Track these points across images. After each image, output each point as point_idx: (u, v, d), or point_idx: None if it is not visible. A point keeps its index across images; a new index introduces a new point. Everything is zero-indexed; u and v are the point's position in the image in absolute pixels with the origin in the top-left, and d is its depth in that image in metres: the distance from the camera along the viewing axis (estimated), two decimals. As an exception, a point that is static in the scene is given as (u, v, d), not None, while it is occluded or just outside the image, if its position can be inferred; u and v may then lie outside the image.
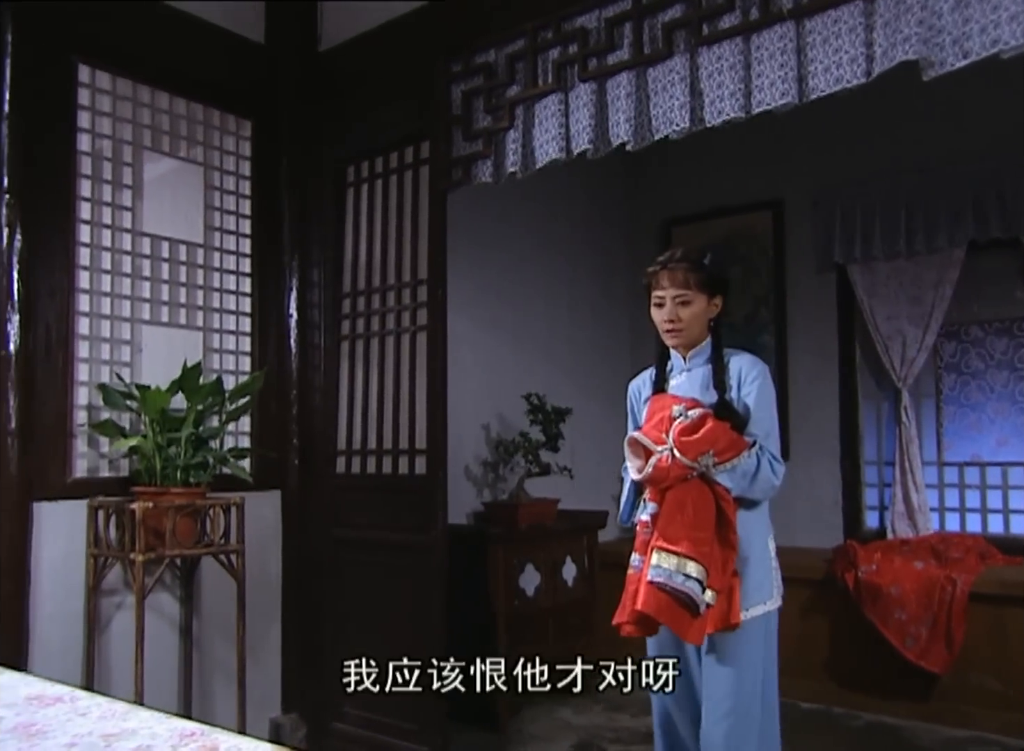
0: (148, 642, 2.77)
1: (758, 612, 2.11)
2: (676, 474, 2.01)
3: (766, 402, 2.15)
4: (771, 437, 2.14)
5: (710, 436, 2.01)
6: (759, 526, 2.17)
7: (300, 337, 3.44)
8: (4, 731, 1.12)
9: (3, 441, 2.62)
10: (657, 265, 2.22)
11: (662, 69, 2.61)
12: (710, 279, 2.19)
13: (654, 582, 1.95)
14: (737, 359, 2.20)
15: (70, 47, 2.90)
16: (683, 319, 2.17)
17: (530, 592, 3.67)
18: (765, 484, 2.09)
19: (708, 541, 1.99)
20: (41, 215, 2.77)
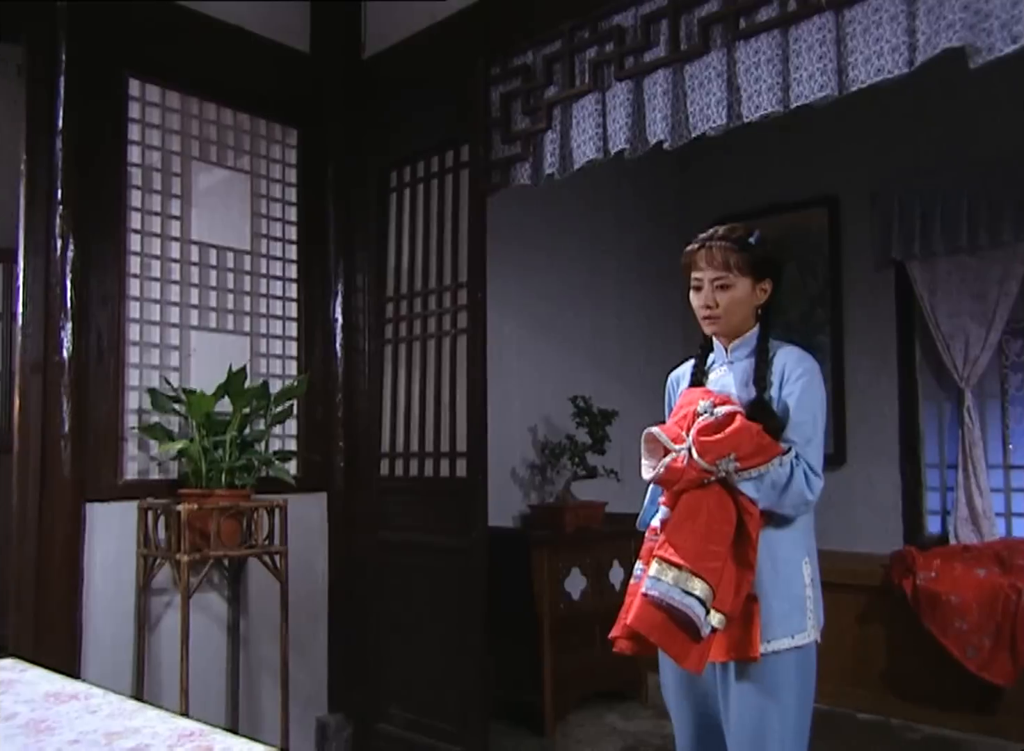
0: (196, 640, 2.85)
1: (782, 646, 1.81)
2: (691, 477, 1.78)
3: (809, 404, 1.86)
4: (812, 445, 1.85)
5: (734, 438, 1.77)
6: (791, 548, 1.87)
7: (345, 341, 3.49)
8: (16, 726, 1.16)
9: (57, 444, 2.72)
10: (696, 243, 1.97)
11: (699, 65, 2.57)
12: (756, 260, 1.92)
13: (648, 595, 1.73)
14: (784, 353, 1.92)
15: (121, 62, 2.99)
16: (721, 305, 1.91)
17: (576, 596, 3.65)
18: (796, 498, 1.80)
19: (720, 556, 1.74)
20: (93, 225, 2.86)
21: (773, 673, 1.80)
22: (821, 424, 1.88)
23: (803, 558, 1.87)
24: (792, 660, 1.81)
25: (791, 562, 1.85)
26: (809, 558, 1.89)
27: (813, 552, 1.93)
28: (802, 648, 1.83)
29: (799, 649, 1.82)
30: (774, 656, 1.80)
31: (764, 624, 1.79)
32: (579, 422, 3.95)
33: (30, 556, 2.65)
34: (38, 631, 2.64)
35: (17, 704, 1.25)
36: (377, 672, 3.27)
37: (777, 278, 1.99)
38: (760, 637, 1.78)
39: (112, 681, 2.73)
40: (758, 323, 1.97)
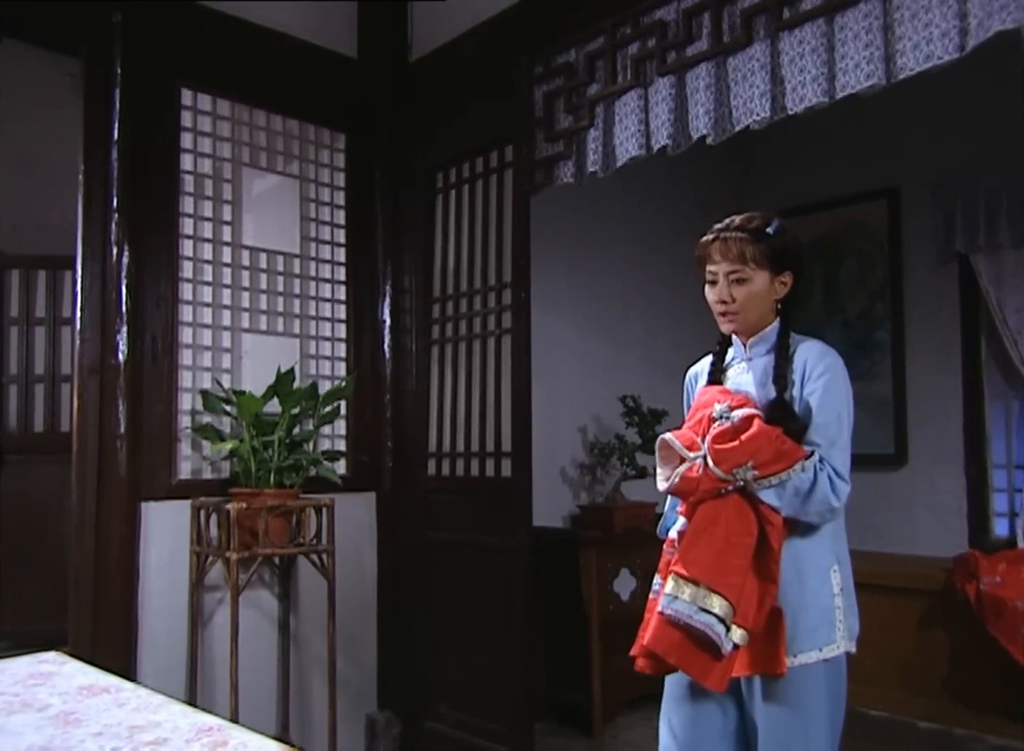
0: (247, 637, 2.91)
1: (810, 659, 1.72)
2: (707, 488, 1.69)
3: (833, 403, 1.75)
4: (836, 447, 1.73)
5: (752, 444, 1.67)
6: (818, 556, 1.77)
7: (393, 342, 3.52)
8: (47, 717, 1.20)
9: (113, 444, 2.81)
10: (711, 234, 1.87)
11: (742, 58, 2.52)
12: (774, 252, 1.81)
13: (665, 614, 1.65)
14: (805, 349, 1.82)
15: (174, 72, 3.07)
16: (738, 300, 1.81)
17: (625, 597, 3.62)
18: (821, 505, 1.70)
19: (740, 570, 1.65)
20: (147, 232, 2.95)
21: (801, 688, 1.72)
22: (847, 424, 1.76)
23: (831, 566, 1.78)
24: (821, 674, 1.73)
25: (818, 572, 1.76)
26: (839, 566, 1.79)
27: (844, 558, 1.82)
28: (831, 661, 1.74)
29: (827, 662, 1.73)
30: (802, 670, 1.71)
31: (791, 637, 1.70)
32: (629, 422, 3.92)
33: (88, 553, 2.74)
34: (95, 626, 2.73)
35: (52, 696, 1.30)
36: (426, 670, 3.30)
37: (798, 270, 1.88)
38: (786, 651, 1.69)
39: (166, 676, 2.82)
40: (778, 318, 1.88)
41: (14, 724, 1.17)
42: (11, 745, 1.09)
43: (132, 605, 2.80)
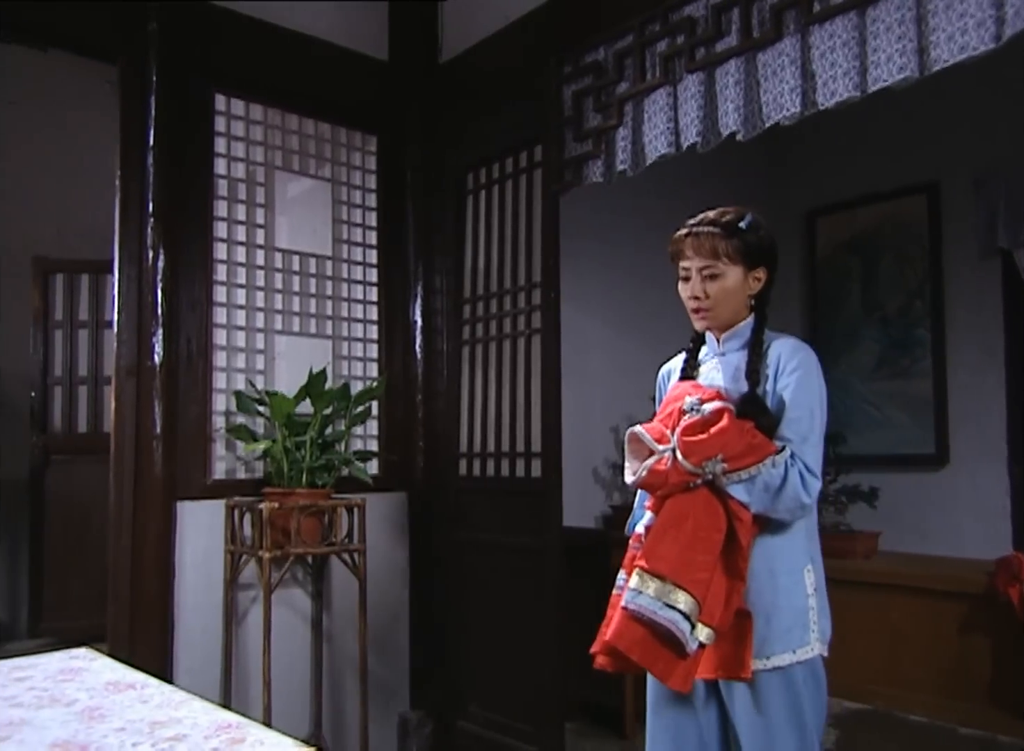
0: (281, 634, 2.95)
1: (783, 662, 1.68)
2: (676, 481, 1.66)
3: (806, 398, 1.72)
4: (808, 442, 1.70)
5: (721, 437, 1.64)
6: (791, 555, 1.73)
7: (425, 343, 3.54)
8: (73, 712, 1.23)
9: (149, 445, 2.86)
10: (683, 230, 1.85)
11: (772, 53, 2.49)
12: (747, 247, 1.79)
13: (628, 609, 1.61)
14: (778, 344, 1.80)
15: (208, 78, 3.11)
16: (711, 296, 1.79)
17: (658, 598, 3.58)
18: (791, 501, 1.66)
19: (707, 566, 1.61)
20: (182, 235, 2.99)
21: (778, 691, 1.68)
22: (819, 420, 1.74)
23: (805, 566, 1.74)
24: (797, 677, 1.69)
25: (791, 571, 1.72)
26: (812, 565, 1.76)
27: (817, 558, 1.80)
28: (805, 663, 1.70)
29: (802, 665, 1.70)
30: (777, 673, 1.68)
31: (764, 639, 1.68)
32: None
33: (125, 551, 2.80)
34: (133, 622, 2.78)
35: (79, 691, 1.33)
36: (457, 670, 3.31)
37: (772, 265, 1.87)
38: (752, 655, 1.66)
39: (201, 672, 2.86)
40: (752, 314, 1.86)
41: (42, 718, 1.20)
42: (37, 738, 1.12)
43: (168, 602, 2.85)
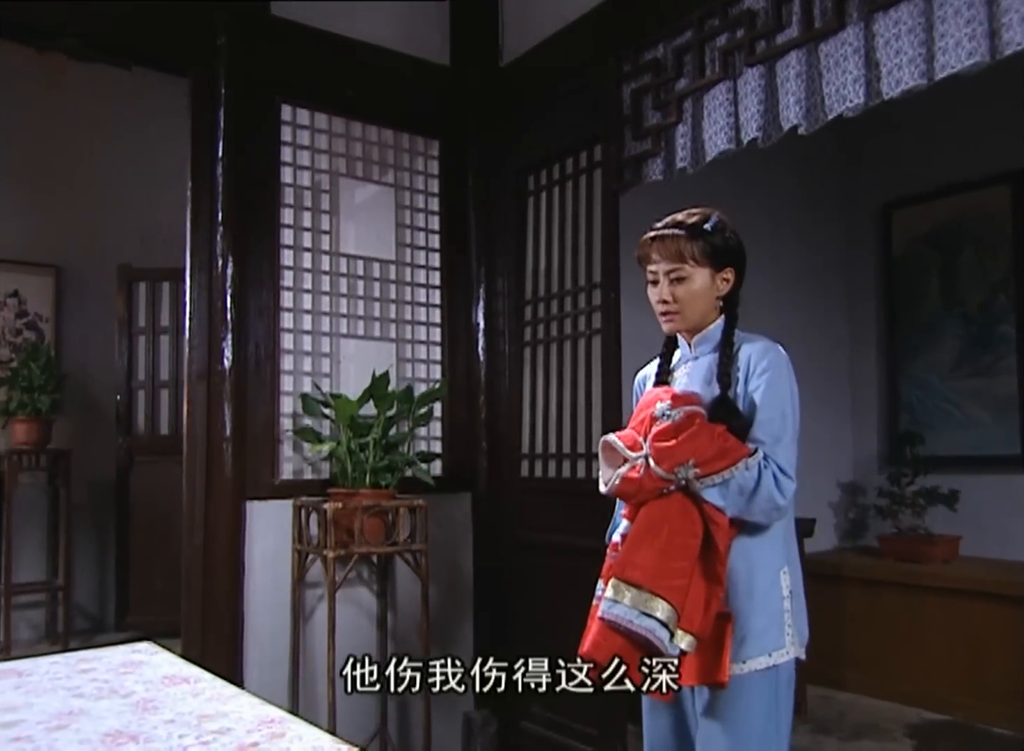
0: (347, 632, 3.01)
1: (759, 665, 1.66)
2: (649, 488, 1.65)
3: (776, 400, 1.71)
4: (781, 443, 1.68)
5: (693, 442, 1.63)
6: (768, 557, 1.71)
7: (487, 345, 3.56)
8: (128, 704, 1.28)
9: (220, 446, 2.95)
10: (649, 234, 1.84)
11: (834, 43, 2.42)
12: (713, 249, 1.80)
13: (605, 618, 1.60)
14: (749, 346, 1.79)
15: (274, 90, 3.19)
16: (678, 299, 1.79)
17: (725, 602, 3.52)
18: (766, 503, 1.64)
19: (684, 573, 1.59)
20: (250, 243, 3.08)
21: (749, 694, 1.66)
22: (791, 421, 1.72)
23: (781, 568, 1.73)
24: (771, 679, 1.67)
25: (768, 573, 1.70)
26: (788, 567, 1.74)
27: (794, 560, 1.78)
28: (780, 666, 1.68)
29: (777, 668, 1.67)
30: (749, 677, 1.65)
31: (739, 641, 1.65)
32: (728, 422, 3.82)
33: (197, 549, 2.90)
34: (204, 618, 2.88)
35: (136, 684, 1.38)
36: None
37: (739, 266, 1.88)
38: (730, 659, 1.63)
39: (270, 668, 2.94)
40: (722, 315, 1.86)
41: (99, 709, 1.26)
42: (92, 728, 1.17)
43: (238, 599, 2.94)
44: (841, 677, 4.04)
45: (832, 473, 4.67)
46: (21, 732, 1.15)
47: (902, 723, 3.64)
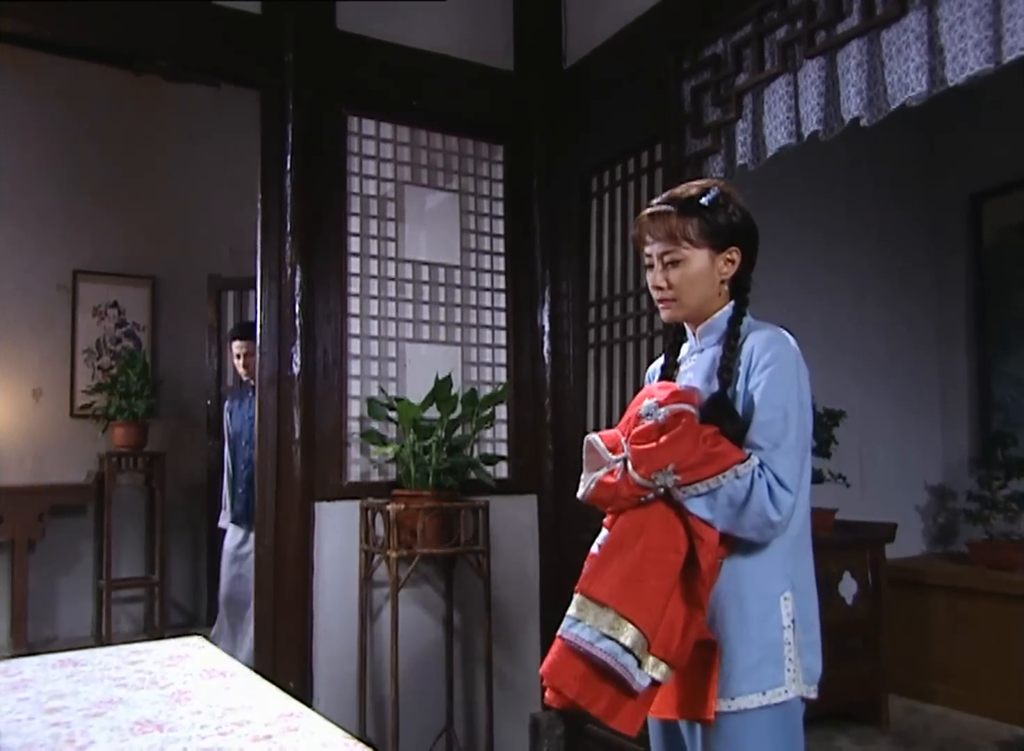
0: (413, 631, 3.08)
1: (750, 704, 1.46)
2: (626, 494, 1.48)
3: (778, 399, 1.49)
4: (780, 450, 1.46)
5: (674, 446, 1.44)
6: (765, 580, 1.50)
7: (552, 347, 3.57)
8: (165, 694, 1.35)
9: (289, 449, 3.05)
10: (645, 211, 1.65)
11: (896, 30, 2.34)
12: (712, 226, 1.58)
13: (564, 639, 1.44)
14: (754, 336, 1.57)
15: (340, 101, 3.28)
16: (674, 284, 1.60)
17: (797, 608, 3.43)
18: (757, 518, 1.43)
19: (659, 593, 1.41)
20: (318, 252, 3.17)
21: (737, 736, 1.46)
22: (796, 424, 1.50)
23: (782, 593, 1.51)
24: (765, 722, 1.46)
25: (764, 598, 1.49)
26: (793, 592, 1.52)
27: (803, 583, 1.56)
28: (777, 707, 1.46)
29: (773, 709, 1.46)
30: (740, 717, 1.46)
31: (727, 676, 1.46)
32: (802, 424, 3.71)
33: (268, 549, 3.00)
34: (276, 615, 2.98)
35: (176, 676, 1.45)
36: (587, 674, 3.30)
37: (747, 244, 1.65)
38: (721, 693, 1.46)
39: (339, 663, 3.03)
40: (731, 302, 1.65)
41: (137, 699, 1.33)
42: (125, 716, 1.24)
43: (308, 597, 3.03)
44: (928, 689, 3.87)
45: (919, 475, 4.48)
46: (61, 718, 1.23)
47: (993, 740, 3.46)
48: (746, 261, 1.66)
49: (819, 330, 4.25)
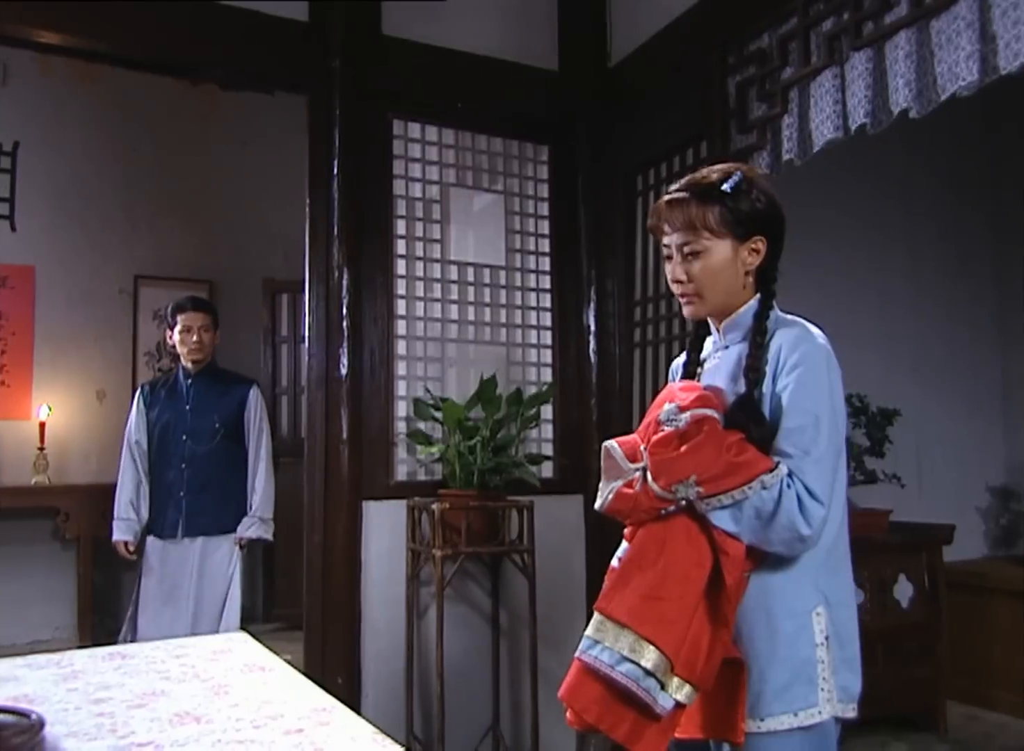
0: (460, 629, 3.11)
1: (781, 725, 1.38)
2: (646, 507, 1.40)
3: (809, 403, 1.40)
4: (810, 457, 1.37)
5: (696, 455, 1.37)
6: (794, 594, 1.42)
7: (598, 347, 3.56)
8: (205, 687, 1.38)
9: (337, 449, 3.10)
10: (663, 198, 1.55)
11: (946, 19, 2.28)
12: (735, 214, 1.47)
13: (582, 661, 1.39)
14: (782, 333, 1.46)
15: (385, 106, 3.32)
16: (694, 278, 1.49)
17: (851, 611, 3.36)
18: (786, 532, 1.35)
19: (682, 612, 1.34)
20: (365, 254, 3.22)
21: None
22: (827, 430, 1.40)
23: (814, 609, 1.42)
24: (796, 744, 1.39)
25: (794, 615, 1.41)
26: (827, 607, 1.42)
27: (838, 597, 1.46)
28: (811, 729, 1.39)
29: (806, 731, 1.38)
30: (771, 738, 1.38)
31: (757, 696, 1.39)
32: (855, 422, 3.64)
33: (317, 547, 3.06)
34: (325, 612, 3.03)
35: (218, 670, 1.49)
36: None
37: (772, 232, 1.53)
38: (750, 714, 1.39)
39: (386, 660, 3.07)
40: (757, 295, 1.54)
41: (179, 691, 1.37)
42: (166, 708, 1.28)
43: (356, 595, 3.07)
44: (989, 696, 3.76)
45: (980, 476, 4.35)
46: (106, 709, 1.27)
47: (1058, 749, 3.35)
48: (772, 251, 1.54)
49: (874, 327, 4.16)
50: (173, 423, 3.44)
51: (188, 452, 3.41)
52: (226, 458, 3.47)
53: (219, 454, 3.45)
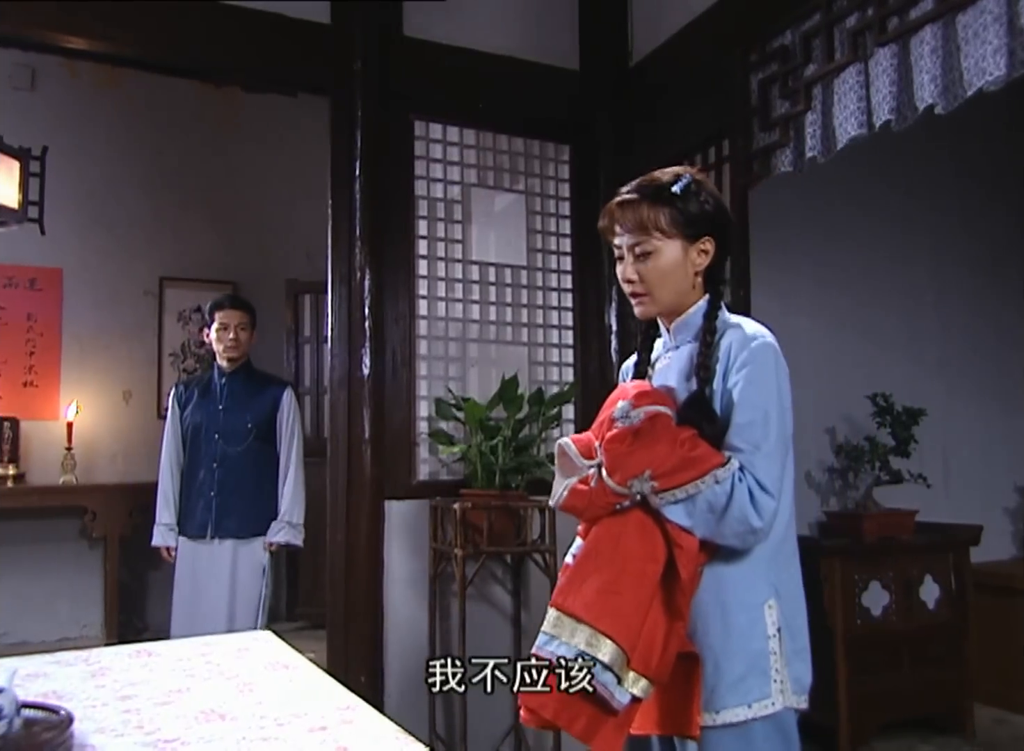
0: (481, 629, 3.10)
1: (735, 717, 1.40)
2: (601, 503, 1.42)
3: (758, 399, 1.43)
4: (761, 452, 1.40)
5: (650, 450, 1.39)
6: (746, 587, 1.44)
7: (620, 346, 3.54)
8: (229, 685, 1.40)
9: (360, 448, 3.12)
10: (614, 200, 1.60)
11: (973, 13, 2.26)
12: (685, 215, 1.51)
13: (539, 656, 1.37)
14: (731, 333, 1.50)
15: (407, 107, 3.33)
16: (645, 278, 1.53)
17: (876, 612, 3.33)
18: (738, 524, 1.37)
19: (637, 606, 1.34)
20: (386, 255, 3.23)
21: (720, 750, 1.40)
22: (776, 425, 1.43)
23: (765, 601, 1.43)
24: (755, 736, 1.40)
25: (747, 608, 1.43)
26: (777, 600, 1.45)
27: (788, 590, 1.48)
28: (766, 720, 1.40)
29: (762, 721, 1.40)
30: (727, 731, 1.40)
31: (712, 689, 1.40)
32: (880, 422, 3.61)
33: (340, 546, 3.07)
34: (347, 610, 3.05)
35: (242, 668, 1.51)
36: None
37: (720, 234, 1.56)
38: (706, 706, 1.40)
39: (409, 659, 3.09)
40: (705, 295, 1.57)
41: (203, 689, 1.38)
42: (190, 705, 1.29)
43: (378, 594, 3.09)
44: (1017, 699, 3.71)
45: (1008, 476, 4.29)
46: (132, 705, 1.29)
47: (1088, 753, 3.30)
48: (720, 252, 1.58)
49: (899, 325, 4.12)
50: (206, 422, 3.39)
51: (220, 452, 3.35)
52: (258, 459, 3.39)
53: (251, 455, 3.37)
